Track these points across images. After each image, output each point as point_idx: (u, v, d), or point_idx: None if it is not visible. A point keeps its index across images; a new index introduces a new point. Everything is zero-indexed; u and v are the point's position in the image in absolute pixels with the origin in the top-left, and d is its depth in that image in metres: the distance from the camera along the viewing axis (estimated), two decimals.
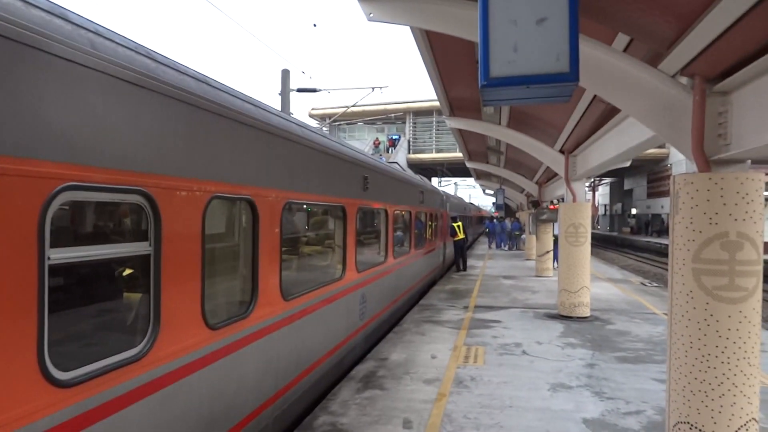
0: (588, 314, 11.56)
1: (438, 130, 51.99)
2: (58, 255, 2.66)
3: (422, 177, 18.14)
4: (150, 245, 3.35)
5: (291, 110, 17.97)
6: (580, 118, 9.07)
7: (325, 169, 6.55)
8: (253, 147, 4.65)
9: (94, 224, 3.26)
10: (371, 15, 5.68)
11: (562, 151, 12.09)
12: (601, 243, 51.51)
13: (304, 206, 6.38)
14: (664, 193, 48.24)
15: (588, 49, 4.68)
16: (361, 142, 48.06)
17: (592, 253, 13.82)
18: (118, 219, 3.43)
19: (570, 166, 11.91)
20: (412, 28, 6.78)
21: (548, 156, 12.47)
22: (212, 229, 4.22)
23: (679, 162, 43.32)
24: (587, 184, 13.56)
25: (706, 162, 4.13)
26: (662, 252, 37.62)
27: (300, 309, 5.79)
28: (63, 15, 2.80)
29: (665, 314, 11.87)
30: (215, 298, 4.32)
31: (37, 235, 2.51)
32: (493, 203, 41.32)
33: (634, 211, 59.27)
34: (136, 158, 3.18)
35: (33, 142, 2.49)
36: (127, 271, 3.40)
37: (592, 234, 12.38)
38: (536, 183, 20.86)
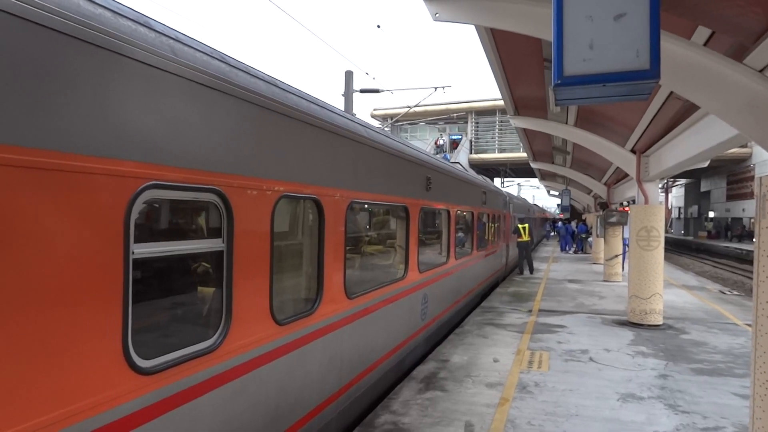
0: (660, 322, 11.01)
1: (501, 129, 51.06)
2: (142, 250, 2.82)
3: (484, 177, 17.88)
4: (223, 242, 3.48)
5: (354, 111, 18.20)
6: (654, 116, 8.66)
7: (388, 169, 6.58)
8: (319, 147, 4.73)
9: (172, 221, 3.42)
10: (437, 15, 5.64)
11: (633, 151, 11.61)
12: (674, 247, 48.97)
13: (368, 206, 6.44)
14: (746, 196, 45.25)
15: (666, 43, 4.45)
16: (422, 142, 47.96)
17: (665, 258, 13.12)
18: (194, 216, 3.57)
19: (642, 166, 11.41)
20: (477, 27, 6.69)
21: (618, 156, 12.00)
22: (280, 228, 4.33)
23: (764, 162, 40.48)
24: (660, 186, 12.92)
25: None
26: (744, 258, 35.29)
27: (363, 307, 5.85)
28: (147, 23, 2.95)
29: (748, 325, 11.13)
30: (282, 294, 4.43)
31: (123, 230, 2.67)
32: (558, 204, 40.08)
33: (711, 214, 55.94)
34: (210, 158, 3.30)
35: (119, 143, 2.64)
36: (202, 267, 3.53)
37: (665, 238, 11.79)
38: (605, 184, 20.12)
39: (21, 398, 2.19)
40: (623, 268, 18.68)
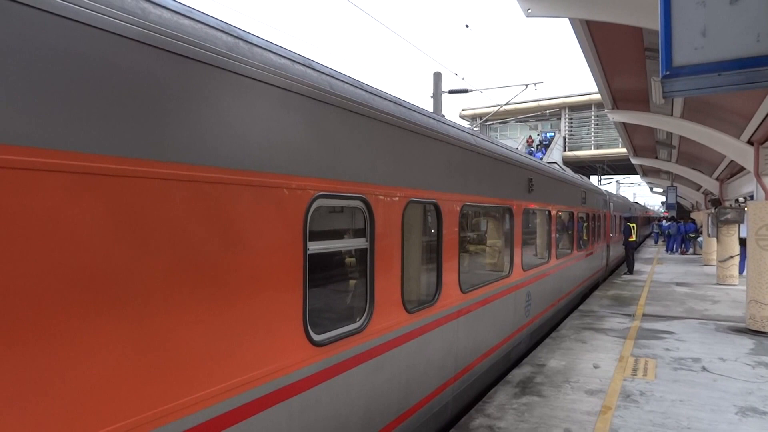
0: None
1: (597, 125, 48.65)
2: (313, 247, 3.50)
3: (582, 176, 17.20)
4: (366, 241, 4.13)
5: (443, 111, 18.15)
6: None
7: (494, 173, 6.96)
8: (437, 156, 5.27)
9: (331, 223, 4.13)
10: (529, 11, 5.51)
11: (750, 142, 10.66)
12: None
13: (477, 208, 6.77)
14: None
15: None
16: (513, 141, 46.83)
17: None
18: (346, 219, 4.30)
19: (761, 158, 10.45)
20: (571, 20, 6.45)
21: (733, 148, 11.07)
22: (408, 228, 4.90)
23: None
24: None
25: None
26: None
27: (475, 301, 6.37)
28: (309, 64, 3.55)
29: None
30: (409, 286, 5.01)
31: (302, 231, 3.32)
32: (663, 202, 37.46)
33: None
34: (357, 171, 3.93)
35: (300, 163, 3.31)
36: (352, 261, 4.30)
37: None
38: (716, 179, 18.61)
39: (238, 359, 2.85)
40: (740, 269, 17.18)
